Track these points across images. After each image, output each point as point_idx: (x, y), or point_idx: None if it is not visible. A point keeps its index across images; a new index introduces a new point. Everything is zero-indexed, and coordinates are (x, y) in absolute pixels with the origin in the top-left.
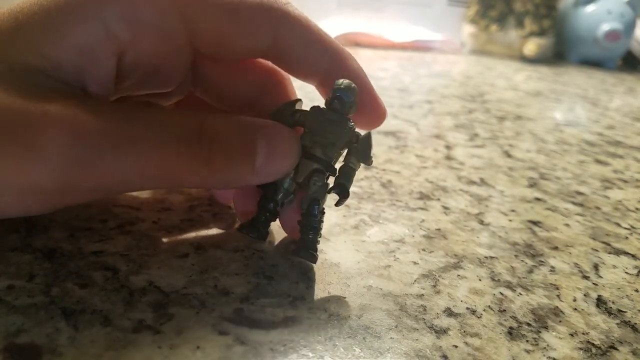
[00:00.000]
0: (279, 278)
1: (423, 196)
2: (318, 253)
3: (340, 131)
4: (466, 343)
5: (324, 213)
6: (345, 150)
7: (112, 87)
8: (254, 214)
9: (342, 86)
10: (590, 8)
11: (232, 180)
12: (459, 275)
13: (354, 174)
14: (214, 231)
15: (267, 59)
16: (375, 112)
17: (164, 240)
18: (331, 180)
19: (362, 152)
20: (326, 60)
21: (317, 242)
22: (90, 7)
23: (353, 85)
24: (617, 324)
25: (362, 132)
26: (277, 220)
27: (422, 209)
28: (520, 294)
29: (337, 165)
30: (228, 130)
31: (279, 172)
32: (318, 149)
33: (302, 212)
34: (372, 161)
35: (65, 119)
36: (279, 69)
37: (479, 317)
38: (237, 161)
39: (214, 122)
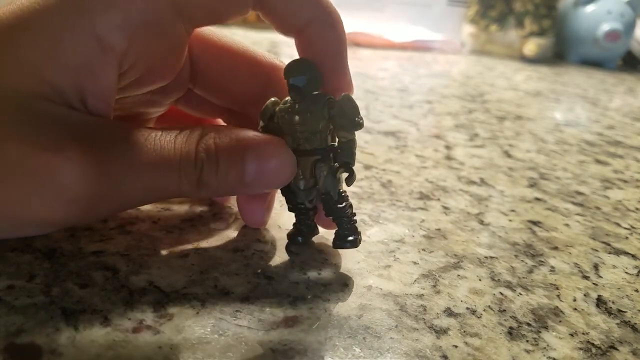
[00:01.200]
0: (279, 278)
1: (423, 196)
2: (359, 236)
3: (312, 117)
4: (466, 343)
5: (344, 196)
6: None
7: (113, 96)
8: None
9: (290, 72)
10: (590, 8)
11: (226, 193)
12: (459, 275)
13: (352, 145)
14: (214, 231)
15: (253, 10)
16: (340, 87)
17: (164, 240)
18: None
19: (345, 121)
20: (307, 13)
21: (353, 224)
22: (81, 20)
23: (304, 63)
24: (617, 324)
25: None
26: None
27: (422, 209)
28: (520, 294)
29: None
30: (218, 149)
31: (279, 183)
32: (305, 144)
33: (323, 208)
34: (361, 123)
35: (79, 158)
36: (279, 65)
37: (479, 317)
38: (225, 179)
39: (207, 142)
